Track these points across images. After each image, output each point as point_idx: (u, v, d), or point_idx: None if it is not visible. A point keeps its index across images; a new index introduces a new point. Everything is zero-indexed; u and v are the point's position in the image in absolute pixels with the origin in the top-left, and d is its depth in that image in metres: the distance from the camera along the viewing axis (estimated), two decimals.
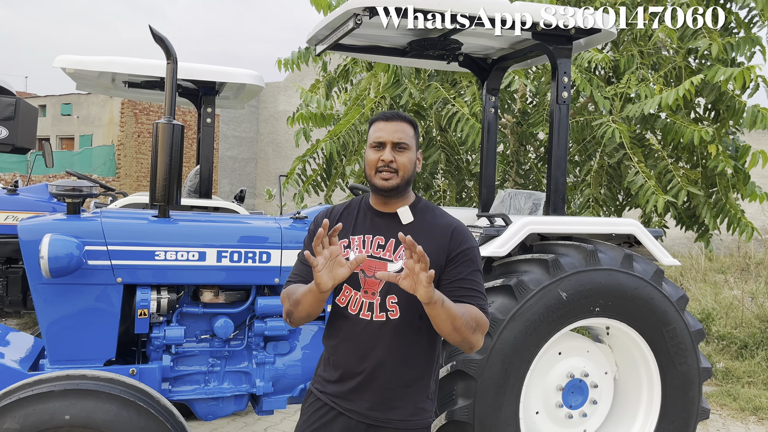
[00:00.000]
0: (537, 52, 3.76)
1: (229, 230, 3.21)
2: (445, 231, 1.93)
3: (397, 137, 1.93)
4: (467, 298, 1.87)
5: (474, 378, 2.78)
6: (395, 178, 1.92)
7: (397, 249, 1.93)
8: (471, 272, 1.90)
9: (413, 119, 2.04)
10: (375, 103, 5.63)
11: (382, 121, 1.97)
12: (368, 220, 2.00)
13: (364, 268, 1.93)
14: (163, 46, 3.05)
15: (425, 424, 1.98)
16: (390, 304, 1.91)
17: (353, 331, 1.94)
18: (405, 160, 1.93)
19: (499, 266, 3.05)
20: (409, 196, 2.02)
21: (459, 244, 1.92)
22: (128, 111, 21.35)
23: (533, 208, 3.77)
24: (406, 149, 1.94)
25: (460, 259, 1.89)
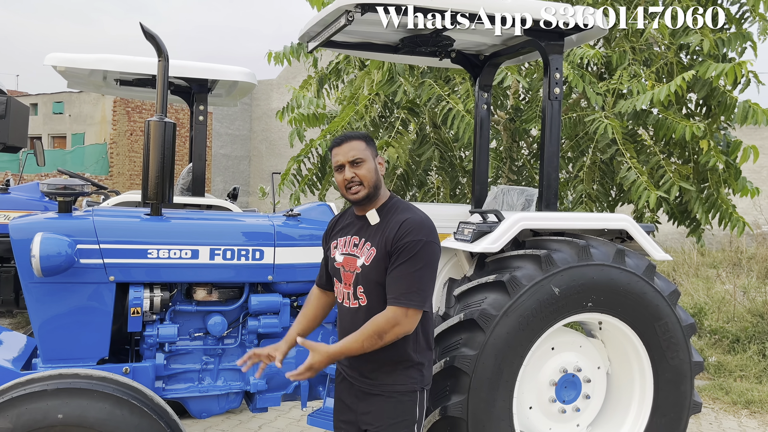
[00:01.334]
0: (529, 48, 3.77)
1: (222, 228, 3.21)
2: (395, 225, 2.20)
3: (351, 156, 2.24)
4: (388, 295, 2.16)
5: (467, 373, 2.79)
6: (363, 190, 2.25)
7: (364, 245, 2.27)
8: (404, 263, 2.14)
9: (363, 133, 2.33)
10: (369, 100, 5.62)
11: (336, 147, 2.29)
12: (351, 223, 2.38)
13: (343, 264, 2.33)
14: (154, 44, 3.04)
15: (410, 389, 2.25)
16: (359, 293, 2.27)
17: (342, 317, 2.37)
18: (364, 172, 2.24)
19: (492, 262, 3.06)
20: (381, 197, 2.32)
21: (402, 236, 2.16)
22: (120, 109, 21.26)
23: (526, 204, 3.78)
24: (362, 162, 2.25)
25: (399, 250, 2.15)
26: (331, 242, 2.43)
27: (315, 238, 3.33)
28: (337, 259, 2.35)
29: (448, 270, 3.36)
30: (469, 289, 2.96)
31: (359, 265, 2.25)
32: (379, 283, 2.21)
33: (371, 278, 2.22)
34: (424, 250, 2.15)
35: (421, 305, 2.17)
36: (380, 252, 2.21)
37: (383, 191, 2.33)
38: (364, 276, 2.25)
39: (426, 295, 2.19)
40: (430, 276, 2.20)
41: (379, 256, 2.21)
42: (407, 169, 5.85)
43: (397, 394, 2.24)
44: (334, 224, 2.48)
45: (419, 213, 2.26)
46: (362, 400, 2.30)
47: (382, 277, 2.20)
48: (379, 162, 2.32)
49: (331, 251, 2.41)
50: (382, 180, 2.31)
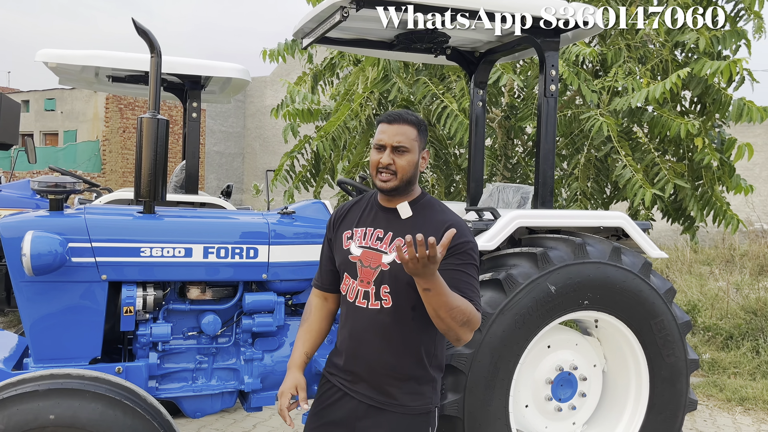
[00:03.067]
0: (525, 45, 3.76)
1: (215, 226, 3.17)
2: (439, 227, 1.98)
3: (397, 141, 2.00)
4: (460, 291, 1.89)
5: (463, 372, 2.78)
6: (393, 180, 2.01)
7: (393, 241, 2.02)
8: (463, 264, 1.94)
9: (419, 119, 2.07)
10: (364, 98, 5.59)
11: (385, 123, 2.05)
12: (373, 214, 2.11)
13: (361, 258, 2.06)
14: (147, 39, 3.00)
15: (425, 409, 2.04)
16: (383, 294, 2.01)
17: (353, 318, 2.08)
18: (404, 163, 2.00)
19: (488, 260, 3.04)
20: (413, 192, 2.10)
21: (456, 237, 1.93)
22: (113, 106, 21.13)
23: (521, 201, 3.77)
24: (406, 152, 2.01)
25: (453, 252, 1.93)
26: (343, 232, 2.14)
27: (309, 236, 3.30)
28: (353, 252, 2.08)
29: None
30: None
31: (386, 261, 2.00)
32: (410, 285, 1.94)
33: (402, 278, 1.97)
34: (476, 253, 2.00)
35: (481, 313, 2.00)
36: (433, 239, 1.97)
37: (416, 185, 2.11)
38: (392, 275, 1.99)
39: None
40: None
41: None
42: None
43: (412, 414, 2.01)
44: (346, 212, 2.19)
45: (456, 214, 2.08)
46: (367, 418, 2.03)
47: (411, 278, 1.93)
48: (423, 156, 2.10)
49: (343, 242, 2.12)
50: (417, 176, 2.08)
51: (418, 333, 2.03)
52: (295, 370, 2.19)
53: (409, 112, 2.09)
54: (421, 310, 1.93)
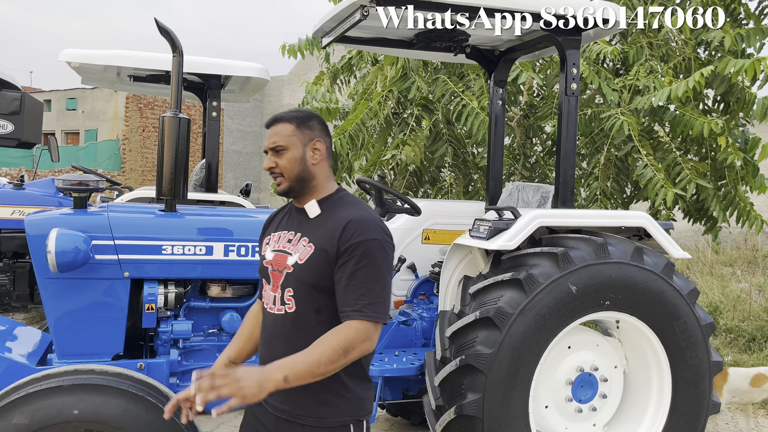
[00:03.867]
0: (545, 43, 3.73)
1: (236, 224, 3.19)
2: (339, 224, 1.85)
3: (272, 142, 1.95)
4: (346, 305, 1.78)
5: (483, 372, 2.76)
6: (284, 182, 1.95)
7: (299, 241, 1.92)
8: (358, 269, 1.79)
9: (299, 114, 1.98)
10: (382, 96, 5.59)
11: (266, 128, 2.00)
12: (289, 216, 2.05)
13: (272, 262, 1.97)
14: (169, 39, 3.03)
15: (340, 422, 1.86)
16: (287, 298, 1.91)
17: (264, 324, 2.01)
18: (284, 162, 1.93)
19: (508, 260, 3.02)
20: (323, 190, 1.98)
21: (350, 237, 1.81)
22: (133, 105, 21.35)
23: (541, 201, 3.74)
24: (284, 150, 1.93)
25: (350, 251, 1.80)
26: (265, 239, 2.07)
27: None
28: (267, 257, 2.00)
29: (462, 267, 3.33)
30: (485, 286, 2.93)
31: (290, 263, 1.89)
32: (312, 287, 1.85)
33: (303, 280, 1.86)
34: (382, 252, 1.81)
35: (385, 319, 1.80)
36: (318, 250, 1.85)
37: (324, 183, 1.98)
38: (295, 277, 1.88)
39: (388, 308, 1.83)
40: (388, 282, 1.84)
41: (316, 254, 1.86)
42: (420, 166, 5.82)
43: (324, 427, 1.84)
44: (271, 219, 2.13)
45: (370, 210, 1.93)
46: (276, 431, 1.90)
47: (316, 280, 1.84)
48: (315, 148, 1.95)
49: (263, 248, 2.06)
50: (316, 170, 1.95)
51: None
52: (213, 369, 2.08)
53: (294, 110, 2.01)
54: (328, 313, 1.83)
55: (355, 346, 1.74)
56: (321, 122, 2.01)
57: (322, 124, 2.01)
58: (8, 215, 4.81)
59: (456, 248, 3.29)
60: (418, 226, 4.03)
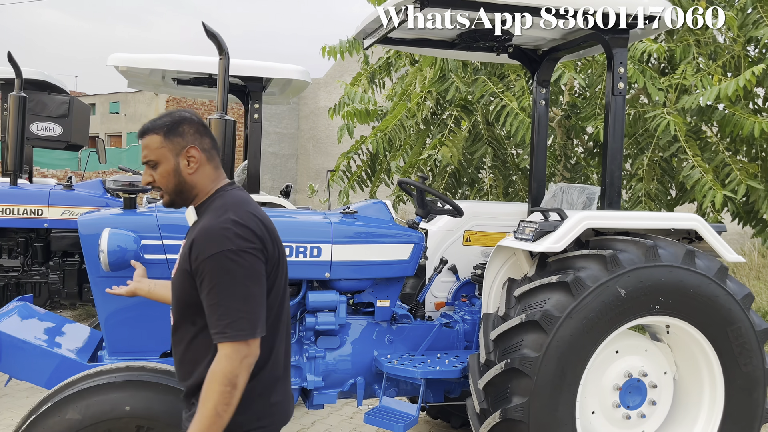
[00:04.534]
0: (591, 42, 3.66)
1: (280, 225, 3.19)
2: (191, 239, 1.74)
3: (143, 156, 1.85)
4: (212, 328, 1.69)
5: (529, 376, 2.72)
6: (164, 195, 1.88)
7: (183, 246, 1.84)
8: (211, 289, 1.67)
9: (165, 122, 1.84)
10: (421, 97, 5.58)
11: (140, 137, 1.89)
12: None
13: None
14: (216, 42, 3.08)
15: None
16: (172, 310, 1.87)
17: None
18: (158, 177, 1.85)
19: (555, 262, 2.97)
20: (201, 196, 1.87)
21: (196, 256, 1.70)
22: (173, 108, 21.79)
23: (587, 202, 3.67)
24: (157, 164, 1.84)
25: (200, 272, 1.69)
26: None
27: (371, 235, 3.31)
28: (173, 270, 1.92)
29: (507, 270, 3.29)
30: (531, 289, 2.89)
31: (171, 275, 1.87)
32: (181, 301, 1.79)
33: (175, 293, 1.82)
34: (231, 263, 1.66)
35: (253, 332, 1.67)
36: (181, 263, 1.79)
37: (206, 188, 1.86)
38: (173, 289, 1.84)
39: (256, 318, 1.68)
40: (251, 292, 1.68)
41: (180, 268, 1.79)
42: (459, 168, 5.78)
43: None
44: None
45: (222, 215, 1.74)
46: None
47: (185, 296, 1.77)
48: (190, 156, 1.83)
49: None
50: (195, 179, 1.84)
51: (201, 351, 1.77)
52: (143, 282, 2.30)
53: (164, 116, 1.87)
54: (204, 325, 1.74)
55: (237, 372, 1.64)
56: (193, 125, 1.86)
57: (194, 127, 1.86)
58: (59, 215, 4.95)
59: (500, 250, 3.25)
60: (459, 228, 4.00)
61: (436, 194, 3.51)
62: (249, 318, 1.67)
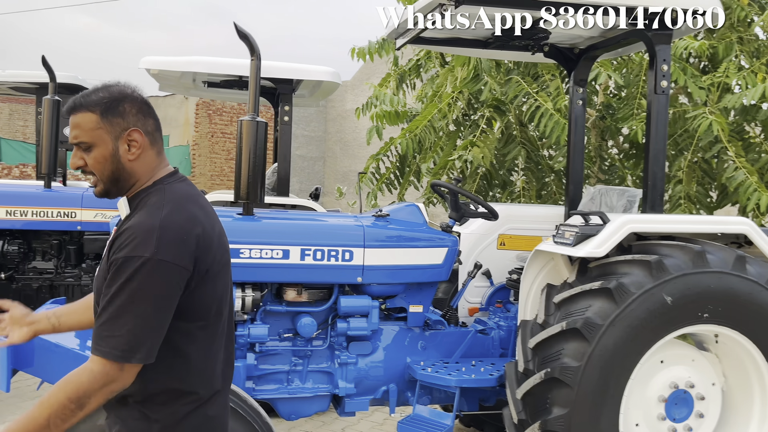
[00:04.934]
0: (632, 39, 3.54)
1: (312, 228, 3.18)
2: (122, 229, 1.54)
3: (74, 136, 1.57)
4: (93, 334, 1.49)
5: (570, 386, 2.62)
6: (99, 183, 1.60)
7: None
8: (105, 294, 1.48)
9: (102, 98, 1.56)
10: (452, 98, 5.48)
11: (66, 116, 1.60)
12: None
13: None
14: (248, 43, 3.04)
15: None
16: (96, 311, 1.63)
17: None
18: (92, 161, 1.57)
19: (596, 267, 2.86)
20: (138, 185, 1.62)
21: (114, 251, 1.50)
22: (203, 112, 22.03)
23: (627, 205, 3.55)
24: (92, 146, 1.56)
25: (112, 268, 1.48)
26: None
27: (404, 239, 3.24)
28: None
29: (544, 275, 3.18)
30: (572, 296, 2.78)
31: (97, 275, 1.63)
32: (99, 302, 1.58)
33: (99, 294, 1.57)
34: (149, 274, 1.44)
35: (130, 357, 1.43)
36: (103, 262, 1.58)
37: (147, 176, 1.62)
38: (96, 291, 1.61)
39: (139, 342, 1.43)
40: (148, 312, 1.44)
41: (103, 266, 1.57)
42: (490, 169, 5.67)
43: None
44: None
45: (155, 215, 1.51)
46: None
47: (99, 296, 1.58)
48: (131, 140, 1.58)
49: None
50: (135, 166, 1.59)
51: None
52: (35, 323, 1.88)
53: (96, 90, 1.58)
54: None
55: (92, 394, 1.42)
56: (136, 103, 1.60)
57: (137, 105, 1.60)
58: (92, 218, 4.98)
59: (537, 255, 3.15)
60: (493, 231, 3.91)
61: (470, 196, 3.43)
62: (131, 339, 1.43)
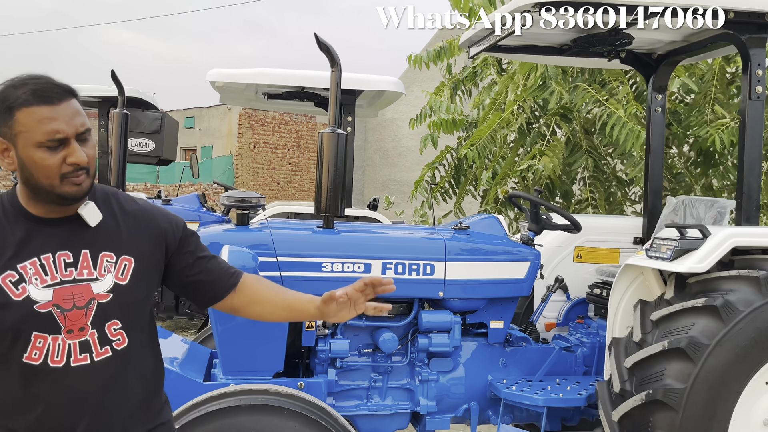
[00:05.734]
0: (721, 43, 3.39)
1: (393, 241, 3.12)
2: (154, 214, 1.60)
3: (80, 124, 1.43)
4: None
5: (674, 409, 2.48)
6: (87, 180, 1.45)
7: (98, 260, 1.48)
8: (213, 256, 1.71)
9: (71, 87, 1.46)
10: (517, 106, 5.38)
11: (45, 105, 1.38)
12: (33, 235, 1.45)
13: (59, 301, 1.43)
14: (328, 55, 3.00)
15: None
16: (113, 333, 1.49)
17: (61, 390, 1.44)
18: (92, 152, 1.46)
19: (697, 284, 2.71)
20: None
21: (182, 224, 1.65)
22: (245, 123, 22.35)
23: (717, 217, 3.38)
24: (90, 137, 1.46)
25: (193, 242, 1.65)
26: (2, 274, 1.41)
27: (486, 252, 3.15)
28: (38, 299, 1.42)
29: (633, 290, 3.05)
30: (672, 313, 2.64)
31: (103, 290, 1.47)
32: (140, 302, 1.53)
33: (132, 301, 1.50)
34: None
35: None
36: (143, 259, 1.53)
37: None
38: (119, 303, 1.48)
39: None
40: None
41: (143, 265, 1.52)
42: (554, 178, 5.54)
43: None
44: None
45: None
46: None
47: (147, 296, 1.55)
48: None
49: (9, 291, 1.41)
50: None
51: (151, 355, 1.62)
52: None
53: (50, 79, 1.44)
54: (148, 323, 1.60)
55: None
56: None
57: None
58: None
59: (627, 269, 3.02)
60: (569, 244, 3.78)
61: (554, 208, 3.32)
62: None
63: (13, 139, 1.40)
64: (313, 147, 23.77)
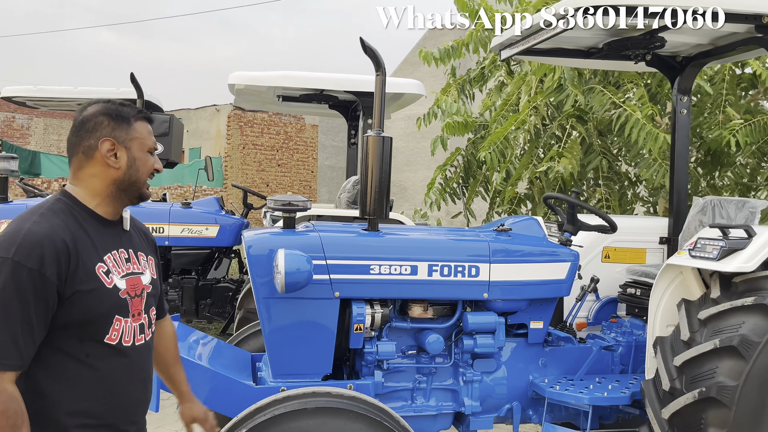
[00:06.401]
0: (749, 46, 3.47)
1: (438, 244, 3.13)
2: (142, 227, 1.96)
3: (153, 142, 1.84)
4: None
5: (727, 406, 2.53)
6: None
7: (138, 257, 1.83)
8: None
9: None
10: (531, 108, 5.43)
11: (147, 123, 1.81)
12: (101, 234, 1.72)
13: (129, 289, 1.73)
14: (373, 58, 3.01)
15: None
16: (152, 318, 1.86)
17: (131, 365, 1.73)
18: None
19: (743, 283, 2.77)
20: None
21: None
22: (234, 124, 22.21)
23: (749, 217, 3.46)
24: None
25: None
26: (94, 266, 1.65)
27: (528, 254, 3.18)
28: (120, 287, 1.70)
29: (673, 290, 3.10)
30: (720, 312, 2.70)
31: (147, 282, 1.82)
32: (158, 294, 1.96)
33: (159, 292, 1.93)
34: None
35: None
36: (156, 259, 1.96)
37: None
38: (154, 294, 1.87)
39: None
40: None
41: (156, 263, 1.95)
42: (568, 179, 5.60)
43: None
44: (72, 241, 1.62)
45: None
46: None
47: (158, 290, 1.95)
48: None
49: (101, 279, 1.65)
50: None
51: None
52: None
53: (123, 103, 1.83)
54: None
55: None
56: None
57: None
58: (178, 233, 5.00)
59: (668, 269, 3.07)
60: (598, 244, 3.84)
61: (590, 209, 3.37)
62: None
63: (128, 143, 1.76)
64: (302, 148, 23.68)
